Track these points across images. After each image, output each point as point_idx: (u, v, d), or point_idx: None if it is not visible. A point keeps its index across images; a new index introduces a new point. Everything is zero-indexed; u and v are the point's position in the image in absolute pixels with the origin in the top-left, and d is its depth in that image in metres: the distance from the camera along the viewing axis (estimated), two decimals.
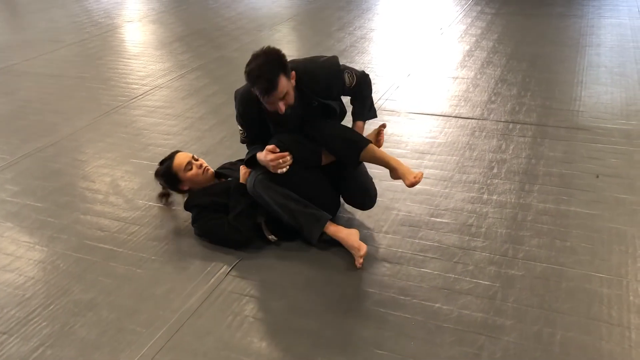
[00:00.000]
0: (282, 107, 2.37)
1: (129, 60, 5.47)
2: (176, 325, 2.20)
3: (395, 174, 2.50)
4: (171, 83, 4.79)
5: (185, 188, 2.79)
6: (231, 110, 4.17)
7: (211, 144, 3.69)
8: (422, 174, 2.41)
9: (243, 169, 2.72)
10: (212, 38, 6.07)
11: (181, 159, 2.79)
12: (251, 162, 2.62)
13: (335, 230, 2.51)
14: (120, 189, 3.21)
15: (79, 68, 5.32)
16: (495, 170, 3.16)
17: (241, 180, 2.70)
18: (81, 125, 4.06)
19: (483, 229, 2.67)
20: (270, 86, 2.29)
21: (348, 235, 2.48)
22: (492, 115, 3.84)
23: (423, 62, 4.99)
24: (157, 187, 3.02)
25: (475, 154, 3.35)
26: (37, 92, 4.76)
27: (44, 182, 3.32)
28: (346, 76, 2.59)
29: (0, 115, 4.34)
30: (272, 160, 2.46)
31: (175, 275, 2.49)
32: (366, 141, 2.53)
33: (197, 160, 2.82)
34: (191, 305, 2.30)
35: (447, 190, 2.99)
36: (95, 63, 5.45)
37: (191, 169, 2.78)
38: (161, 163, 2.87)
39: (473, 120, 3.79)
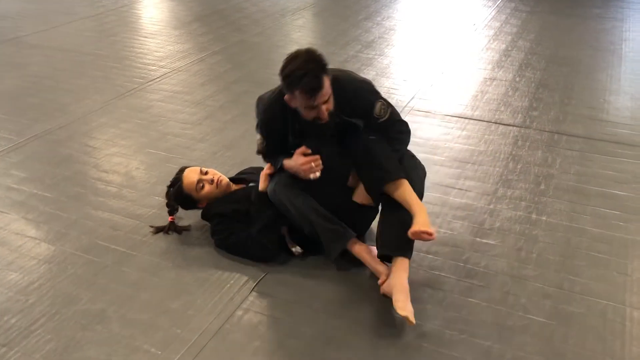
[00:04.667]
0: (324, 111, 2.11)
1: (146, 39, 5.20)
2: (195, 348, 1.97)
3: (416, 224, 2.12)
4: (190, 66, 4.53)
5: (204, 205, 2.54)
6: (254, 101, 3.92)
7: (233, 136, 3.43)
8: (435, 236, 2.10)
9: (263, 177, 2.47)
10: (233, 20, 5.79)
11: (190, 178, 2.51)
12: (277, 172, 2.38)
13: (359, 250, 2.27)
14: (135, 181, 2.97)
15: (93, 44, 5.06)
16: (542, 187, 2.90)
17: (261, 188, 2.44)
18: (94, 108, 3.81)
19: (534, 255, 2.42)
20: (318, 84, 2.04)
21: (374, 259, 2.23)
22: (534, 124, 3.58)
23: (457, 59, 4.71)
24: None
25: (519, 167, 3.09)
26: (49, 68, 4.51)
27: (53, 169, 3.08)
28: (378, 105, 2.27)
29: (10, 91, 4.09)
30: (303, 163, 2.22)
31: (194, 287, 2.25)
32: (400, 175, 2.22)
33: (206, 174, 2.53)
34: (212, 325, 2.07)
35: (491, 207, 2.74)
36: (110, 40, 5.19)
37: (203, 186, 2.50)
38: (171, 185, 2.60)
39: (515, 127, 3.53)
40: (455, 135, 3.45)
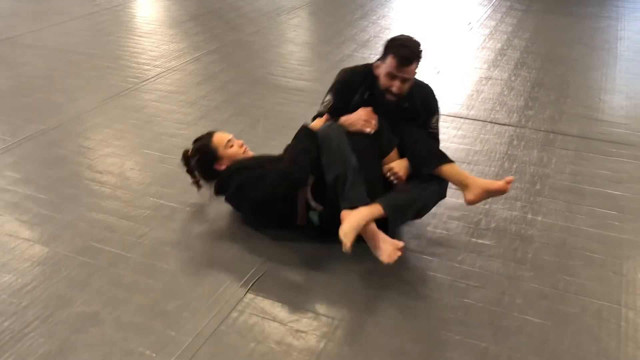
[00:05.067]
0: (399, 87, 2.36)
1: (141, 38, 5.17)
2: (190, 351, 1.96)
3: (472, 191, 2.35)
4: (185, 66, 4.51)
5: (222, 167, 2.55)
6: (249, 100, 3.93)
7: None
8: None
9: (321, 119, 2.53)
10: (228, 19, 5.77)
11: (222, 135, 2.62)
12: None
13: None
14: (130, 182, 2.96)
15: (87, 44, 5.03)
16: (538, 187, 2.90)
17: (311, 126, 2.50)
18: (88, 108, 3.79)
19: (530, 255, 2.42)
20: (411, 57, 2.32)
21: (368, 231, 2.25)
22: (530, 123, 3.58)
23: (452, 58, 4.71)
24: (169, 184, 2.78)
25: (515, 167, 3.09)
26: (43, 68, 4.48)
27: (47, 170, 3.06)
28: (436, 116, 2.59)
29: (3, 91, 4.06)
30: (365, 114, 2.42)
31: (189, 289, 2.24)
32: (452, 160, 2.44)
33: (237, 140, 2.65)
34: (207, 327, 2.05)
35: (487, 207, 2.74)
36: (105, 39, 5.16)
37: (232, 146, 2.59)
38: (195, 141, 2.65)
39: (510, 127, 3.53)
40: (451, 135, 3.44)
